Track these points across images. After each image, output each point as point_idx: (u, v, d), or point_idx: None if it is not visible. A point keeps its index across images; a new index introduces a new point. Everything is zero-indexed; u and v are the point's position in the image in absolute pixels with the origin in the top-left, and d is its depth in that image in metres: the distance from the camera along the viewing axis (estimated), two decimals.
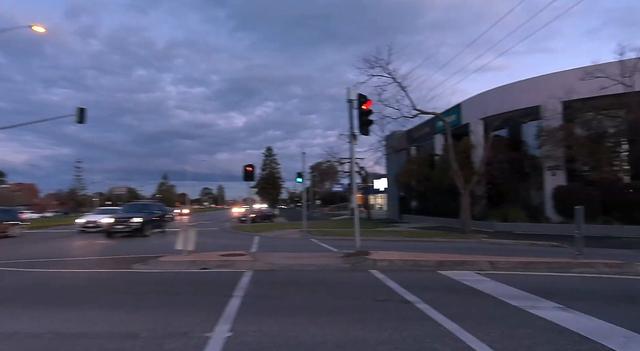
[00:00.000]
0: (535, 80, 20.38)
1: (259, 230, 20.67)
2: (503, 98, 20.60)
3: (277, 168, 63.64)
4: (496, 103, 20.84)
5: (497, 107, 21.13)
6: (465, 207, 16.36)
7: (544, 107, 19.15)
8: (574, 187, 18.25)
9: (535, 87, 19.76)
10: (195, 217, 45.30)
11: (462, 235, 15.71)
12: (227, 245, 13.93)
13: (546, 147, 19.07)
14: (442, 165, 24.57)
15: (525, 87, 20.29)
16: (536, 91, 19.51)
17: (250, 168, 23.18)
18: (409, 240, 15.23)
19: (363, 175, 36.07)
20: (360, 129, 9.41)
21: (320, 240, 15.42)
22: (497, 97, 21.00)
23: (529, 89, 20.00)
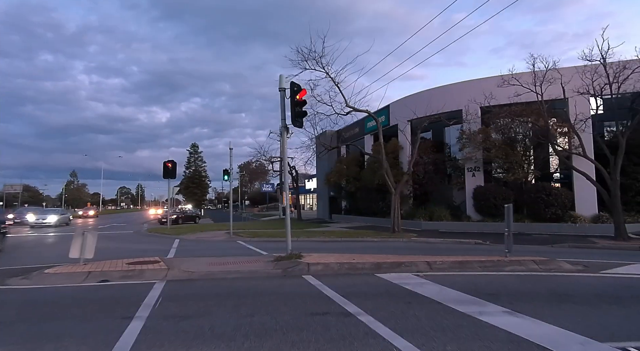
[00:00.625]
0: (458, 85, 21.48)
1: (181, 232, 18.83)
2: (429, 101, 21.32)
3: (203, 167, 60.26)
4: (423, 106, 21.55)
5: (424, 109, 21.88)
6: (395, 206, 16.47)
7: (465, 111, 20.19)
8: (491, 187, 19.52)
9: (458, 92, 20.81)
10: (106, 219, 40.12)
11: (393, 234, 15.74)
12: (141, 250, 12.20)
13: (467, 149, 20.15)
14: (372, 165, 24.87)
15: (449, 92, 21.25)
16: (459, 96, 20.53)
17: (170, 165, 21.12)
18: (342, 240, 14.82)
19: (293, 175, 35.41)
20: (293, 121, 8.62)
21: (249, 243, 14.33)
22: (424, 100, 21.73)
23: (453, 94, 20.97)
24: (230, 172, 17.07)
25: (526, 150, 19.29)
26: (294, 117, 8.60)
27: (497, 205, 18.84)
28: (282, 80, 8.81)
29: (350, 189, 28.37)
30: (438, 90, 22.29)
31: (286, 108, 8.83)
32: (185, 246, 13.46)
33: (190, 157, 60.08)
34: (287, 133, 8.84)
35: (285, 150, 8.83)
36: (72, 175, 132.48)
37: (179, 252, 11.55)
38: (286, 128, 8.79)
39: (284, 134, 8.74)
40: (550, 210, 17.70)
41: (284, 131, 8.74)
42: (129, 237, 18.08)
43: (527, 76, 16.71)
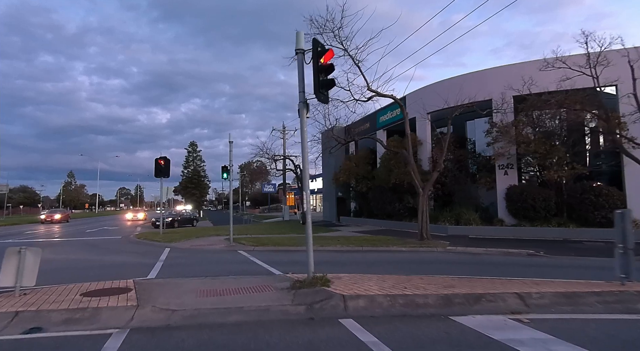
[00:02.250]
0: (487, 72, 19.09)
1: (173, 238, 16.41)
2: (451, 91, 18.90)
3: (202, 166, 57.68)
4: (444, 97, 19.21)
5: (446, 100, 19.55)
6: (423, 209, 14.06)
7: (496, 101, 17.77)
8: (528, 187, 17.10)
9: (487, 80, 18.41)
10: (93, 223, 36.90)
11: (422, 242, 13.34)
12: (117, 265, 9.79)
13: (499, 144, 17.75)
14: (386, 163, 22.48)
15: (476, 80, 18.85)
16: (488, 84, 18.13)
17: (162, 162, 18.70)
18: (363, 249, 12.41)
19: (298, 174, 32.95)
20: (317, 93, 6.21)
21: (252, 253, 11.92)
22: (446, 90, 19.26)
23: (480, 82, 18.57)
24: (230, 169, 14.65)
25: (573, 144, 16.82)
26: (318, 88, 6.19)
27: (535, 207, 16.45)
28: (300, 39, 6.41)
29: (361, 189, 25.96)
30: (462, 78, 19.87)
31: (305, 77, 6.41)
32: (175, 258, 11.03)
33: (188, 156, 57.62)
34: (306, 112, 6.43)
35: (305, 135, 6.42)
36: (69, 175, 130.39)
37: (164, 268, 9.12)
38: (306, 105, 6.37)
39: (302, 114, 6.33)
40: (600, 213, 15.27)
41: (303, 109, 6.32)
42: (112, 245, 15.66)
43: (576, 59, 14.28)
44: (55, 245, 15.55)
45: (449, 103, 17.05)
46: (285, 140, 38.19)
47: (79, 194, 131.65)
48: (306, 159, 6.57)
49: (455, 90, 16.80)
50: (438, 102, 20.11)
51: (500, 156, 17.69)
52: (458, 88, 16.97)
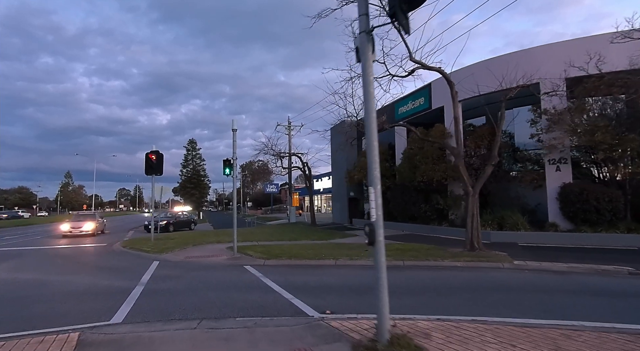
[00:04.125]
0: (530, 52, 16.28)
1: (165, 247, 13.69)
2: (487, 75, 16.13)
3: (202, 165, 54.78)
4: (479, 82, 16.53)
5: (480, 86, 16.86)
6: (474, 212, 11.34)
7: (543, 84, 15.00)
8: (590, 186, 14.33)
9: (531, 61, 15.58)
10: None
11: (475, 254, 10.60)
12: (78, 293, 7.07)
13: (550, 135, 15.00)
14: (410, 158, 19.75)
15: (516, 61, 16.01)
16: (532, 65, 15.28)
17: (154, 157, 15.98)
18: (405, 264, 9.66)
19: (306, 173, 30.25)
20: (396, 12, 3.49)
21: (264, 269, 9.17)
22: (480, 74, 16.49)
23: (522, 63, 15.71)
24: (234, 163, 11.91)
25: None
26: (399, 4, 3.45)
27: (600, 209, 13.71)
28: None
29: None
30: (499, 60, 17.05)
31: None
32: (161, 279, 8.28)
33: (187, 155, 54.73)
34: (372, 49, 3.71)
35: (371, 84, 3.73)
36: (66, 176, 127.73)
37: (143, 300, 6.38)
38: (370, 38, 3.66)
39: (366, 52, 3.64)
40: None
41: (367, 45, 3.61)
42: (87, 256, 12.95)
43: None
44: (12, 257, 12.79)
45: (479, 91, 14.35)
46: (290, 136, 35.45)
47: (78, 195, 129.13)
48: (372, 119, 3.89)
49: (501, 72, 14.02)
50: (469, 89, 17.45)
51: (552, 149, 14.93)
52: (504, 69, 14.18)
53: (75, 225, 21.18)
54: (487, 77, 14.28)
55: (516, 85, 12.28)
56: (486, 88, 13.86)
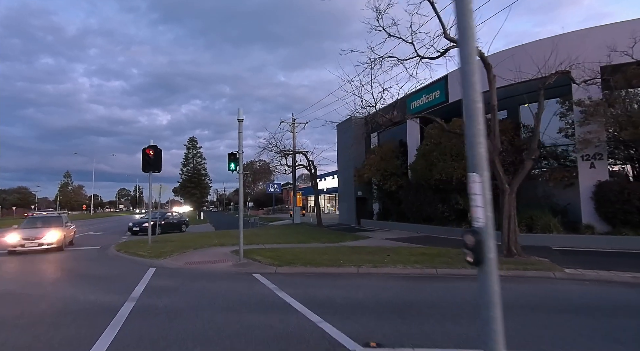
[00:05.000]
0: (565, 37, 14.95)
1: (164, 251, 12.42)
2: (511, 64, 14.80)
3: (203, 164, 53.39)
4: (501, 72, 15.30)
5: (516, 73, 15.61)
6: (510, 214, 10.04)
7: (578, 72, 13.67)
8: (631, 185, 13.04)
9: (567, 46, 14.33)
10: (78, 227, 32.58)
11: (515, 261, 9.31)
12: (54, 313, 5.79)
13: (585, 128, 13.71)
14: (427, 154, 18.43)
15: (552, 46, 14.74)
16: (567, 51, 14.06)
17: (151, 152, 14.70)
18: (439, 273, 8.37)
19: (312, 172, 28.95)
20: None
21: (277, 279, 7.88)
22: (503, 63, 15.16)
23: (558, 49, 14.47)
24: (240, 156, 10.61)
25: None
26: None
27: None
28: None
29: (389, 187, 21.92)
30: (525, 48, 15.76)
31: None
32: (157, 293, 6.99)
33: (188, 153, 53.36)
34: None
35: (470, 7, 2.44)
36: (65, 176, 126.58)
37: (132, 323, 5.09)
38: None
39: None
40: None
41: None
42: (76, 261, 11.66)
43: None
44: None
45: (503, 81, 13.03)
46: (295, 133, 34.11)
47: (77, 195, 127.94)
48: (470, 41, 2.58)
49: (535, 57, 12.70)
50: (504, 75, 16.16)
51: (586, 144, 13.63)
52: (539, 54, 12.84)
53: (29, 235, 13.46)
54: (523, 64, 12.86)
55: (555, 72, 10.95)
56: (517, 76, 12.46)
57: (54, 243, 13.67)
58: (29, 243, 13.29)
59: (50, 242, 13.60)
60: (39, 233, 13.69)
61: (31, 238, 13.42)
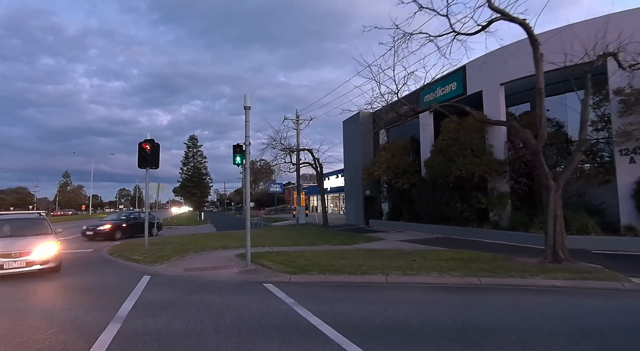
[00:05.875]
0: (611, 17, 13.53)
1: (161, 255, 11.18)
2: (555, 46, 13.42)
3: (204, 163, 52.09)
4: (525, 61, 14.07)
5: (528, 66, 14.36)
6: (556, 213, 8.80)
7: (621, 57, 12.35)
8: None
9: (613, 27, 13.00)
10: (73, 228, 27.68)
11: (564, 267, 8.06)
12: (6, 342, 4.49)
13: (624, 120, 12.46)
14: (445, 150, 17.16)
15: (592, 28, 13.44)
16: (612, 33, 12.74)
17: (148, 147, 13.45)
18: (483, 283, 7.12)
19: (318, 170, 27.68)
20: None
21: (293, 291, 6.62)
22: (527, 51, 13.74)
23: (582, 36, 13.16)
24: (246, 149, 9.36)
25: None
26: None
27: None
28: None
29: (401, 185, 20.65)
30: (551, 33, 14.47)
31: None
32: (147, 312, 5.70)
33: (188, 152, 52.07)
34: None
35: None
36: (64, 176, 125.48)
37: None
38: None
39: None
40: None
41: None
42: (67, 268, 10.37)
43: None
44: None
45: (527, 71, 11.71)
46: (299, 130, 32.83)
47: (77, 195, 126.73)
48: None
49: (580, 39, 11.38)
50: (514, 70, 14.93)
51: (626, 137, 12.38)
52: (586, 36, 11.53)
53: (8, 248, 8.34)
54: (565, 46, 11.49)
55: (603, 53, 9.67)
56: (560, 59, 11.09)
57: (50, 262, 8.58)
58: (10, 261, 8.07)
59: (45, 260, 8.48)
60: (24, 246, 8.41)
61: (13, 253, 8.16)
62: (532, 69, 15.43)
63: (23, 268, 8.26)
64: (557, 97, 16.38)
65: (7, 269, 8.08)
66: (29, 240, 8.81)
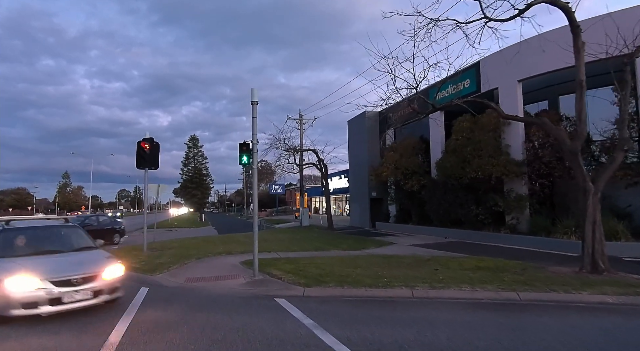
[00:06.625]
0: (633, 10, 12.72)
1: (161, 263, 10.40)
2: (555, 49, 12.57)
3: (205, 163, 51.29)
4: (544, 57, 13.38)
5: (548, 62, 13.69)
6: (595, 218, 7.98)
7: None
8: None
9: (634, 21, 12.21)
10: None
11: (606, 279, 7.25)
12: None
13: None
14: (458, 151, 16.37)
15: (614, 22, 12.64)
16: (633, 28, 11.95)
17: (146, 146, 12.66)
18: (522, 299, 6.32)
19: (322, 171, 26.91)
20: None
21: (313, 311, 5.83)
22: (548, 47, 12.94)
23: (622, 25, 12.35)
24: (254, 147, 8.58)
25: None
26: None
27: None
28: None
29: (411, 187, 19.86)
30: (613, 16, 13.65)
31: None
32: (144, 339, 4.90)
33: (189, 152, 51.27)
34: None
35: None
36: (64, 176, 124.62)
37: None
38: None
39: None
40: None
41: None
42: None
43: None
44: None
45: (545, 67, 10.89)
46: (302, 130, 32.03)
47: (77, 196, 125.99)
48: None
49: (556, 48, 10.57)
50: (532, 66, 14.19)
51: None
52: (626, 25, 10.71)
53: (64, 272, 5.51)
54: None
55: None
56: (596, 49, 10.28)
57: (118, 290, 6.09)
58: (71, 292, 5.38)
59: (114, 287, 5.97)
60: (86, 268, 5.78)
61: (74, 280, 5.46)
62: (553, 64, 14.71)
63: (89, 301, 5.52)
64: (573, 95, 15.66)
65: (68, 303, 5.30)
66: (83, 259, 6.27)
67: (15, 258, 5.84)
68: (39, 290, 5.19)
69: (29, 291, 5.14)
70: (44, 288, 5.21)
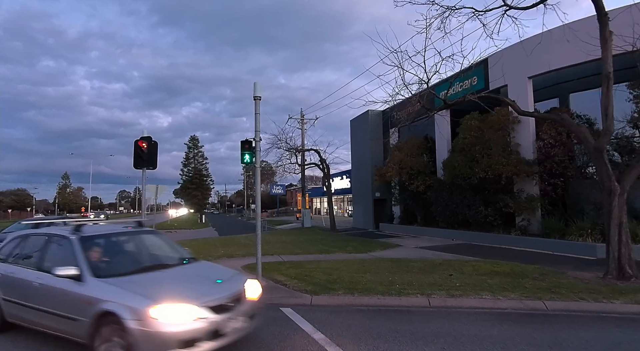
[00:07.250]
0: None
1: None
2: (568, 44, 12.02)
3: (205, 164, 50.79)
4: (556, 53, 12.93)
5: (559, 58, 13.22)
6: (621, 220, 7.47)
7: None
8: None
9: None
10: None
11: (630, 285, 6.75)
12: None
13: None
14: (466, 150, 15.86)
15: None
16: None
17: (144, 145, 12.10)
18: (550, 309, 5.81)
19: (325, 171, 26.41)
20: None
21: (323, 323, 5.34)
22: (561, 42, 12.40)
23: None
24: (257, 145, 8.08)
25: None
26: None
27: None
28: None
29: (416, 187, 19.34)
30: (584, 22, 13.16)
31: None
32: None
33: (189, 153, 50.76)
34: None
35: None
36: (64, 177, 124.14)
37: None
38: None
39: None
40: None
41: None
42: None
43: None
44: None
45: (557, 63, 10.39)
46: (303, 130, 31.53)
47: (77, 197, 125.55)
48: None
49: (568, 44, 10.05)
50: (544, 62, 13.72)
51: None
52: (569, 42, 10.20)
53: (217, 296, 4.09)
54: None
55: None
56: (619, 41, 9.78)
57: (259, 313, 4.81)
58: (229, 319, 4.00)
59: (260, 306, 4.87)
60: (228, 287, 4.46)
61: (227, 304, 4.09)
62: (565, 60, 14.20)
63: (246, 329, 4.32)
64: (585, 93, 15.22)
65: (228, 334, 3.96)
66: (208, 273, 5.02)
67: (125, 277, 4.20)
68: (197, 320, 3.66)
69: (187, 322, 3.60)
70: (203, 318, 3.70)
